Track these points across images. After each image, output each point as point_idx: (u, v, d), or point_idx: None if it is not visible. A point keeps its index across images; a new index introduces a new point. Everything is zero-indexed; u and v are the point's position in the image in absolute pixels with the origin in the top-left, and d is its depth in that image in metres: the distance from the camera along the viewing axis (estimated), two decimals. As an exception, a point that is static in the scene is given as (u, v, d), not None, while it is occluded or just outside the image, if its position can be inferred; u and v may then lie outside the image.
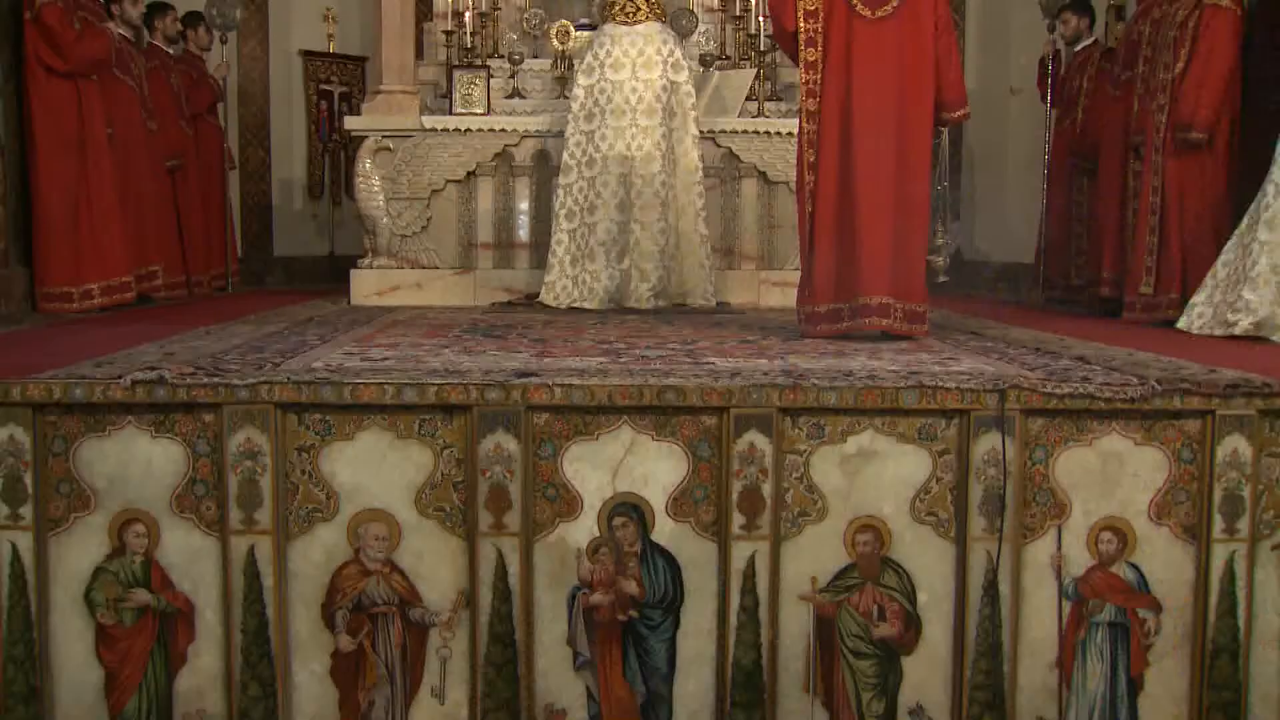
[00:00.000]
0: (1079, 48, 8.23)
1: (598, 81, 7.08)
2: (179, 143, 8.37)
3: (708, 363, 4.29)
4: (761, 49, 8.07)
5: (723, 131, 7.73)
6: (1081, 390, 3.73)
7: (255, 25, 10.39)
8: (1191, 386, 3.76)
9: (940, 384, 3.73)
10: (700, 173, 7.20)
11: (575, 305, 7.06)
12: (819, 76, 5.19)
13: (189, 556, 3.76)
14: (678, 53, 7.14)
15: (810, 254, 5.26)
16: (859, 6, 5.15)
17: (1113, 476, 3.79)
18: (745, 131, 7.74)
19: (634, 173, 7.04)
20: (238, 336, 5.23)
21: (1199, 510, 3.78)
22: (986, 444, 3.71)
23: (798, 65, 5.32)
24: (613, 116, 7.05)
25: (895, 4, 5.14)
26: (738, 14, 8.40)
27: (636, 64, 7.05)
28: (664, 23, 7.22)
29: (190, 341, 4.98)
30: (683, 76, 7.13)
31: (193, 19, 8.94)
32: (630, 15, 7.14)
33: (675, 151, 7.10)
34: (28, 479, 3.70)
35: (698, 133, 7.22)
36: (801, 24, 5.18)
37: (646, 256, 7.00)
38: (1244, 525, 3.76)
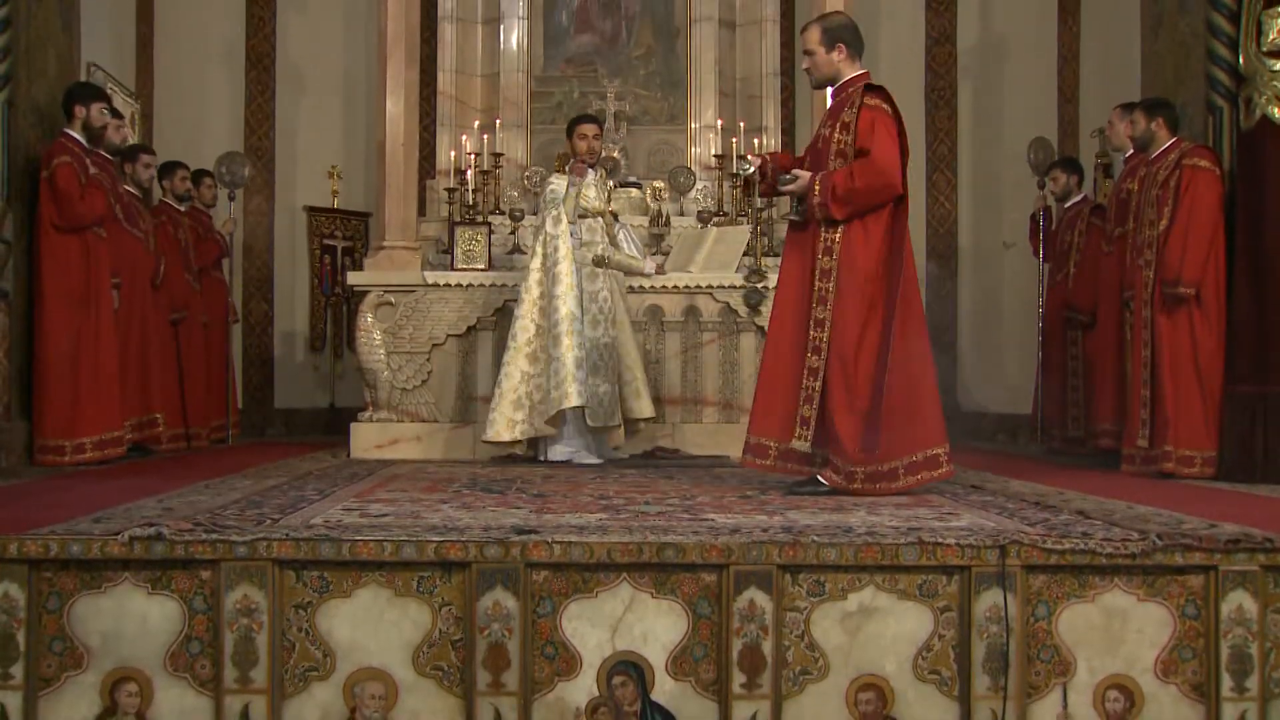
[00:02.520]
0: (1069, 204, 8.39)
1: None
2: (183, 296, 8.49)
3: (707, 519, 4.28)
4: (758, 206, 8.23)
5: (720, 286, 7.83)
6: (1082, 546, 3.72)
7: (261, 182, 10.62)
8: (1193, 542, 3.75)
9: (940, 540, 3.72)
10: (524, 314, 7.17)
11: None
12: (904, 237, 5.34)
13: (182, 716, 3.70)
14: (544, 193, 7.33)
15: (875, 411, 5.14)
16: None
17: (1117, 633, 3.75)
18: (744, 287, 7.83)
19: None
20: (237, 491, 5.23)
21: (1206, 668, 3.73)
22: (988, 600, 3.69)
23: (861, 230, 5.30)
24: None
25: None
26: (734, 171, 8.57)
27: None
28: (560, 173, 7.44)
29: (189, 496, 4.97)
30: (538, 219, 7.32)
31: (200, 175, 9.13)
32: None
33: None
34: (20, 637, 3.67)
35: (538, 265, 7.19)
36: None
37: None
38: (1253, 684, 3.71)
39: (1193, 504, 4.85)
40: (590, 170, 7.40)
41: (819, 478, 5.25)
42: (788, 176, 5.35)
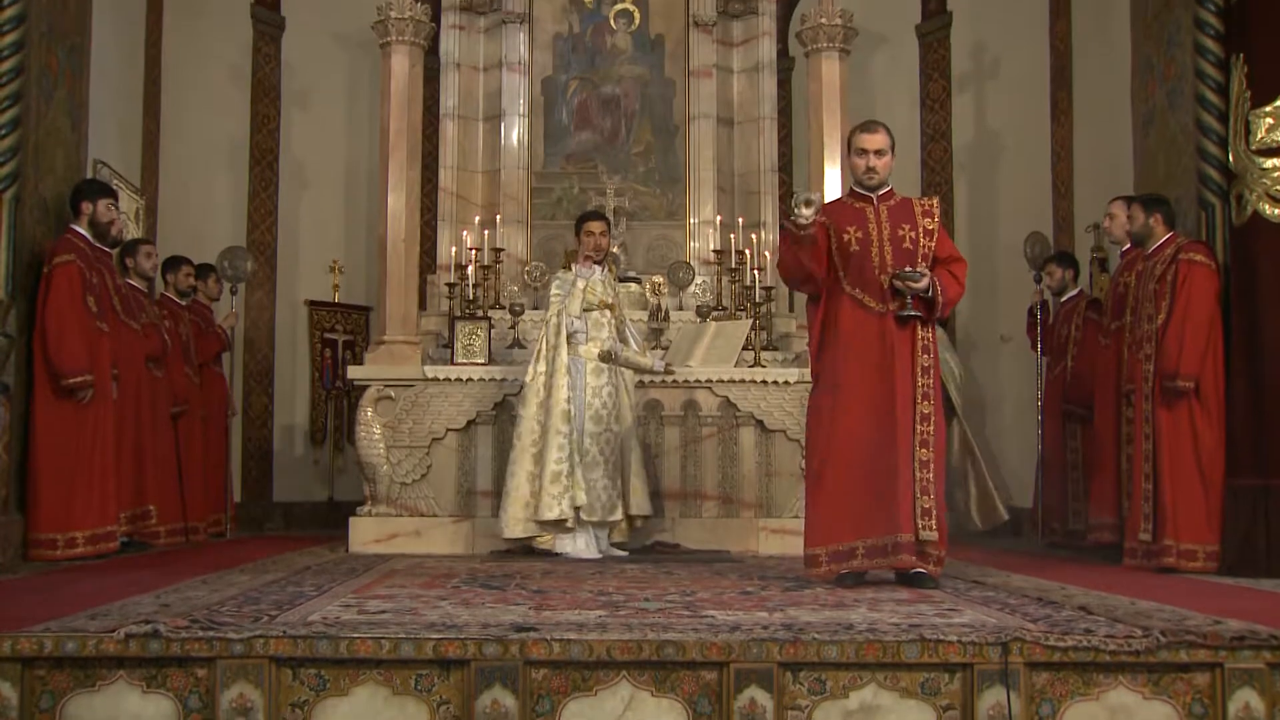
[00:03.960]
0: (1065, 298, 8.45)
1: None
2: (184, 390, 8.49)
3: (707, 615, 4.25)
4: (757, 300, 8.28)
5: (720, 380, 7.85)
6: (1086, 643, 3.69)
7: (264, 276, 10.67)
8: (1197, 638, 3.71)
9: (942, 637, 3.69)
10: (529, 415, 7.24)
11: None
12: None
13: (174, 819, 3.64)
14: (548, 290, 7.54)
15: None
16: None
17: (1122, 732, 3.70)
18: (743, 381, 7.86)
19: None
20: (234, 586, 5.20)
21: (1215, 768, 3.68)
22: (991, 698, 3.64)
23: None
24: None
25: None
26: (734, 266, 8.64)
27: None
28: (566, 269, 7.62)
29: (186, 592, 4.94)
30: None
31: (203, 271, 9.19)
32: None
33: None
34: (13, 737, 3.62)
35: (542, 367, 7.27)
36: None
37: None
38: (1264, 784, 3.66)
39: (1196, 599, 4.82)
40: (598, 267, 7.47)
41: (924, 573, 5.35)
42: (914, 273, 5.43)
